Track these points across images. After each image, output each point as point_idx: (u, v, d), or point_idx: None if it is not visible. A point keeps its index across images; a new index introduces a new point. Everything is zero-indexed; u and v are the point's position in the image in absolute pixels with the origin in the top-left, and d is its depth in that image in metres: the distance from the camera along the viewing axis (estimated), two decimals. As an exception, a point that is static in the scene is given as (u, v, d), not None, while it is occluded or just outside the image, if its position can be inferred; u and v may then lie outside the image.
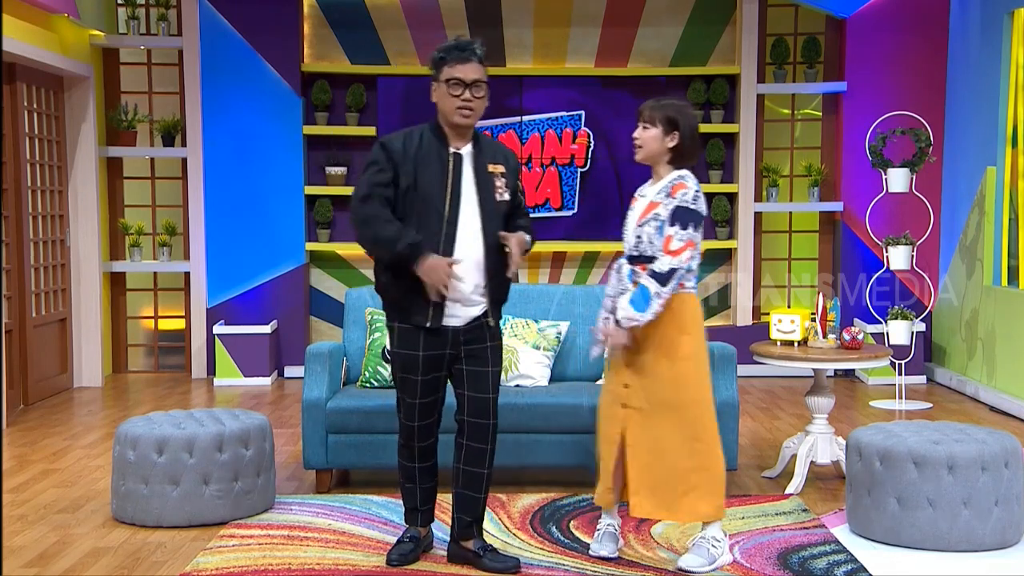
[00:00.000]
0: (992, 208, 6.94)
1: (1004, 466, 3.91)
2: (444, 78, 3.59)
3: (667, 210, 3.60)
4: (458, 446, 3.75)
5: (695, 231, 3.59)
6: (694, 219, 3.59)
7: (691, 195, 3.61)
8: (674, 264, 3.55)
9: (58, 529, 4.22)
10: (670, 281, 3.55)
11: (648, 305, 3.55)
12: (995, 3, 6.93)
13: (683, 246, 3.56)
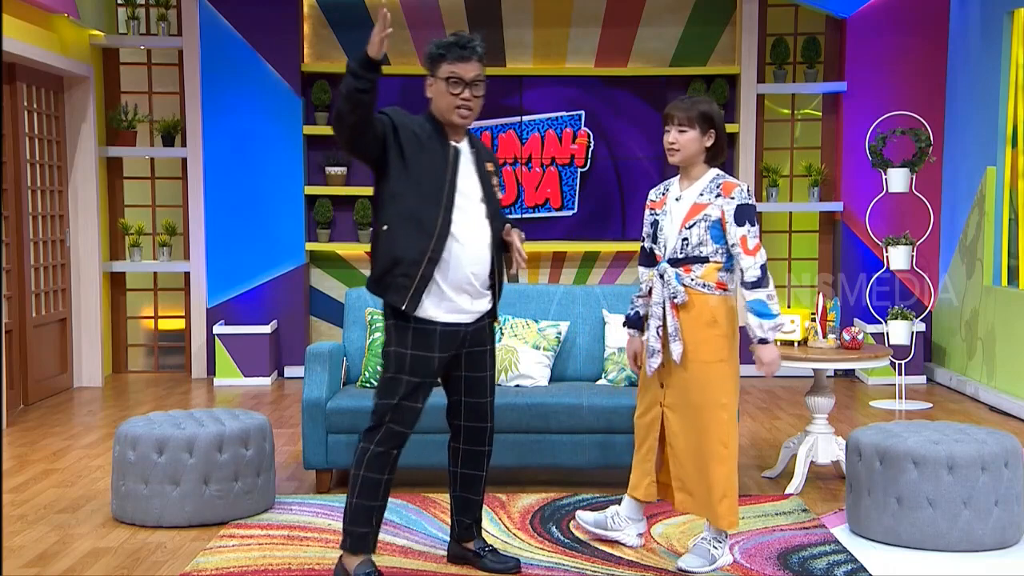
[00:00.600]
0: (992, 208, 6.94)
1: (1004, 466, 3.91)
2: (443, 75, 3.47)
3: (720, 210, 3.60)
4: (454, 450, 3.69)
5: (757, 225, 3.63)
6: (755, 213, 3.64)
7: (746, 191, 3.64)
8: (760, 261, 3.58)
9: (58, 529, 4.22)
10: (769, 278, 3.60)
11: (770, 307, 3.59)
12: (995, 3, 6.93)
13: (758, 242, 3.60)
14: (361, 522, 3.48)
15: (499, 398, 4.70)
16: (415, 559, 3.84)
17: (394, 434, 3.47)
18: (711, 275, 3.63)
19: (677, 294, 3.64)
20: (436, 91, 3.50)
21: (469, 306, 3.52)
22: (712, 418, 3.63)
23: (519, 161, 7.94)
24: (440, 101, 3.49)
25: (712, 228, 3.61)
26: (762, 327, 3.59)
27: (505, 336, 5.00)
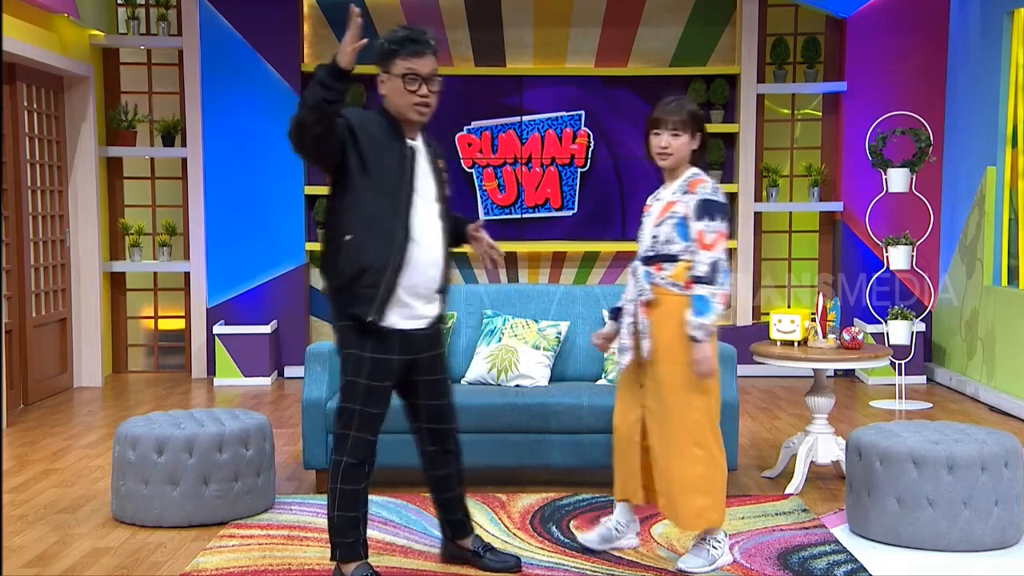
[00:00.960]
0: (992, 208, 6.94)
1: (1004, 466, 3.91)
2: (398, 72, 3.36)
3: (687, 207, 3.58)
4: (422, 454, 3.66)
5: (723, 222, 3.56)
6: (720, 210, 3.56)
7: (710, 187, 3.61)
8: (713, 257, 3.52)
9: (58, 529, 4.22)
10: (717, 276, 3.52)
11: (708, 307, 3.49)
12: (995, 3, 6.93)
13: (716, 237, 3.53)
14: (347, 533, 3.45)
15: (500, 398, 4.71)
16: (415, 559, 3.84)
17: (362, 443, 3.40)
18: (681, 274, 3.58)
19: (643, 292, 3.65)
20: (391, 88, 3.38)
21: (423, 311, 3.44)
22: (682, 419, 3.60)
23: (519, 161, 7.94)
24: (397, 99, 3.37)
25: (679, 225, 3.59)
26: (693, 323, 3.50)
27: (505, 336, 5.00)
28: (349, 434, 3.39)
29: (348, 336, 3.37)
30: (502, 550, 3.81)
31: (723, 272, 3.53)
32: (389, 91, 3.40)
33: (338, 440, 3.42)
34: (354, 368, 3.38)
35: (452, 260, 3.59)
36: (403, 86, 3.36)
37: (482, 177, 7.95)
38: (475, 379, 4.98)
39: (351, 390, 3.39)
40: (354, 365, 3.38)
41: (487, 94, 7.93)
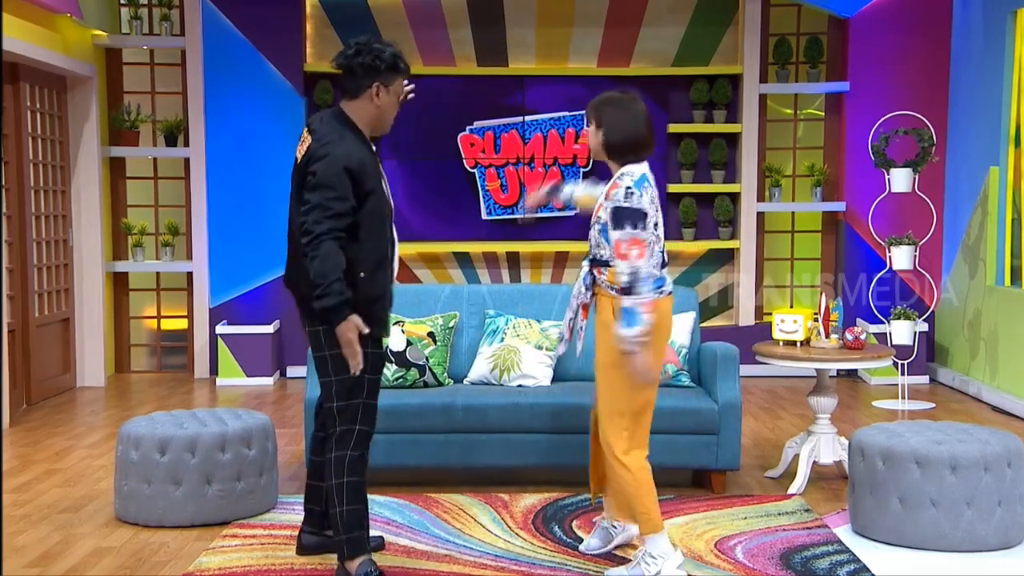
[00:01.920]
0: (995, 208, 6.93)
1: (1007, 466, 3.91)
2: (397, 89, 3.51)
3: (607, 212, 3.50)
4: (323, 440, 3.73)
5: (635, 228, 3.43)
6: (631, 216, 3.44)
7: (622, 193, 3.47)
8: (631, 267, 3.43)
9: (61, 529, 4.23)
10: (637, 285, 3.42)
11: (635, 319, 3.41)
12: (998, 3, 6.92)
13: (629, 245, 3.43)
14: (356, 527, 3.53)
15: (503, 398, 4.71)
16: (419, 559, 3.84)
17: (365, 435, 3.55)
18: (614, 277, 3.51)
19: (581, 294, 3.66)
20: (386, 103, 3.50)
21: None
22: (609, 425, 3.58)
23: (521, 161, 7.94)
24: (388, 112, 3.51)
25: (603, 231, 3.53)
26: (621, 335, 3.43)
27: (508, 336, 5.00)
28: (355, 428, 3.52)
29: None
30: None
31: (643, 280, 3.43)
32: (383, 104, 3.50)
33: (343, 436, 3.52)
34: (364, 367, 3.47)
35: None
36: (396, 102, 3.52)
37: (484, 177, 7.95)
38: (477, 379, 4.98)
39: (357, 386, 3.50)
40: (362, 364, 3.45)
41: (489, 94, 7.93)
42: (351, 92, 3.50)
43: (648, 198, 3.50)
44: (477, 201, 7.97)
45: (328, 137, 3.41)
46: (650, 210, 3.50)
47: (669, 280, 3.62)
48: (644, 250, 3.45)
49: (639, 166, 3.57)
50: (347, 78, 3.48)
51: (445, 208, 7.97)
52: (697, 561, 3.82)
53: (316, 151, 3.39)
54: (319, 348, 3.50)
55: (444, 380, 4.96)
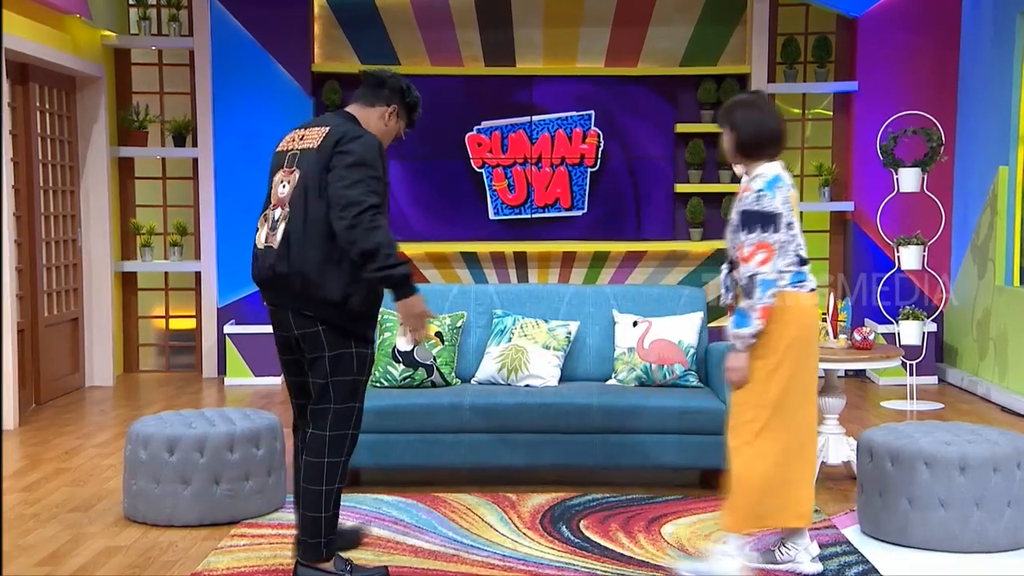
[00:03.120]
0: (1004, 208, 6.91)
1: (1016, 467, 3.89)
2: (406, 123, 3.65)
3: (736, 216, 3.53)
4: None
5: (764, 232, 3.43)
6: (760, 220, 3.44)
7: (753, 196, 3.48)
8: (751, 270, 3.44)
9: (70, 528, 4.24)
10: (755, 290, 3.43)
11: (745, 321, 3.46)
12: (1007, 3, 6.90)
13: (753, 250, 3.44)
14: (335, 528, 3.54)
15: (510, 398, 4.71)
16: (426, 559, 3.84)
17: (356, 440, 3.53)
18: None
19: (723, 296, 3.69)
20: (391, 127, 3.60)
21: None
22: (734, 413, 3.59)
23: (529, 161, 7.94)
24: (390, 132, 3.60)
25: (736, 232, 3.55)
26: (730, 333, 3.53)
27: (515, 336, 5.00)
28: (349, 433, 3.49)
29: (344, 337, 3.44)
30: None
31: (761, 285, 3.42)
32: (388, 127, 3.60)
33: (339, 440, 3.46)
34: (359, 366, 3.47)
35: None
36: (398, 132, 3.64)
37: (492, 177, 7.95)
38: (485, 379, 4.98)
39: (358, 389, 3.49)
40: (359, 363, 3.47)
41: (497, 94, 7.93)
42: (368, 101, 3.57)
43: (781, 198, 3.48)
44: (484, 201, 7.97)
45: (355, 127, 3.48)
46: (783, 210, 3.47)
47: (812, 277, 3.59)
48: (770, 255, 3.44)
49: (772, 166, 3.55)
50: (371, 89, 3.57)
51: (452, 208, 7.97)
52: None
53: (348, 134, 3.40)
54: (317, 348, 3.42)
55: (452, 380, 4.96)
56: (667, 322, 4.99)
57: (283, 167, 3.49)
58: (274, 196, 3.49)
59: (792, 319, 3.50)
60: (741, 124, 3.56)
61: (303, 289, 3.38)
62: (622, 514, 4.33)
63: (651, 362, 4.91)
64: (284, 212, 3.41)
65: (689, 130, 7.92)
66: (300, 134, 3.53)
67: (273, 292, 3.49)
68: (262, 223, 3.51)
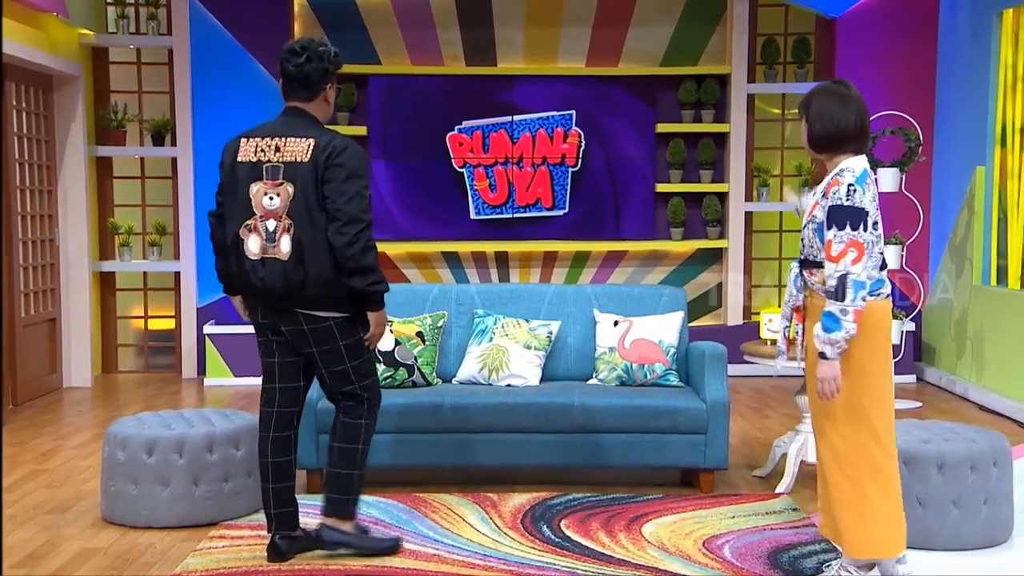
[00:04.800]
0: (981, 208, 6.96)
1: (993, 465, 3.93)
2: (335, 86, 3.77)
3: (823, 212, 3.27)
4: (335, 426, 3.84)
5: (854, 229, 3.19)
6: (851, 216, 3.19)
7: (844, 191, 3.22)
8: (840, 270, 3.19)
9: (47, 530, 4.21)
10: (847, 291, 3.18)
11: (836, 324, 3.21)
12: (984, 4, 6.96)
13: (843, 248, 3.19)
14: (359, 489, 3.81)
15: (491, 398, 4.71)
16: (407, 558, 3.84)
17: (379, 405, 3.85)
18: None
19: (793, 297, 3.48)
20: (332, 99, 3.76)
21: None
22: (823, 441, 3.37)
23: (510, 161, 7.94)
24: (331, 108, 3.77)
25: (818, 231, 3.32)
26: (818, 339, 3.26)
27: (496, 335, 5.00)
28: (377, 402, 3.80)
29: (356, 324, 3.69)
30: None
31: (853, 287, 3.18)
32: (331, 100, 3.76)
33: (372, 410, 3.78)
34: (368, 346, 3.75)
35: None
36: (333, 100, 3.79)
37: (473, 177, 7.94)
38: (466, 379, 4.98)
39: (370, 364, 3.79)
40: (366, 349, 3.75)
41: (478, 94, 7.92)
42: (305, 94, 3.70)
43: (871, 195, 3.26)
44: (466, 201, 7.96)
45: (333, 134, 3.61)
46: (871, 208, 3.25)
47: (888, 284, 3.37)
48: (862, 254, 3.20)
49: (858, 160, 3.32)
50: (300, 83, 3.67)
51: (433, 208, 7.96)
52: (685, 560, 3.82)
53: (335, 143, 3.55)
54: (331, 340, 3.65)
55: (433, 380, 4.96)
56: (648, 322, 5.00)
57: (263, 179, 3.58)
58: (257, 207, 3.57)
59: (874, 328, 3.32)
60: (814, 116, 3.34)
61: (322, 292, 3.57)
62: (603, 513, 4.34)
63: (632, 361, 4.92)
64: (284, 224, 3.54)
65: (670, 130, 7.94)
66: (271, 144, 3.62)
67: (283, 299, 3.61)
68: (247, 233, 3.58)
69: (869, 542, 3.37)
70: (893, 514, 3.37)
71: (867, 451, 3.33)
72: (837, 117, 3.31)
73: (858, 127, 3.32)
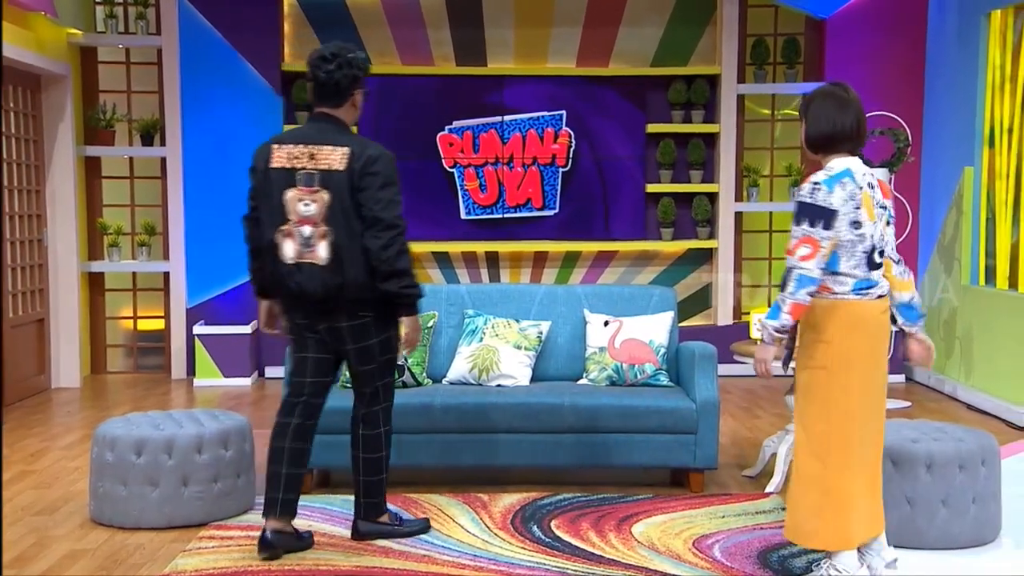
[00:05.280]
0: (969, 208, 6.99)
1: (981, 464, 3.94)
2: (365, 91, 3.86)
3: (794, 206, 3.35)
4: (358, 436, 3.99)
5: (813, 227, 3.25)
6: (810, 213, 3.25)
7: (808, 188, 3.29)
8: (790, 263, 3.30)
9: (35, 531, 4.19)
10: (789, 283, 3.29)
11: (774, 313, 3.31)
12: (972, 5, 6.99)
13: (796, 243, 3.29)
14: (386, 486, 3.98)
15: (482, 398, 4.71)
16: (397, 559, 3.83)
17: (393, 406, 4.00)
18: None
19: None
20: (359, 106, 3.87)
21: None
22: (808, 428, 3.37)
23: (500, 161, 7.94)
24: (359, 109, 3.88)
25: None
26: (759, 323, 3.41)
27: (487, 336, 5.00)
28: (391, 404, 3.96)
29: (385, 324, 3.82)
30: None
31: (797, 280, 3.27)
32: (359, 105, 3.86)
33: (388, 413, 3.94)
34: (396, 345, 3.88)
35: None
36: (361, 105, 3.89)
37: (463, 177, 7.94)
38: (456, 379, 4.98)
39: (396, 364, 3.94)
40: (396, 343, 3.87)
41: (468, 94, 7.92)
42: (335, 101, 3.77)
43: (844, 195, 3.26)
44: (456, 201, 7.96)
45: (365, 141, 3.74)
46: (846, 208, 3.26)
47: (881, 284, 3.35)
48: (815, 251, 3.26)
49: (844, 160, 3.34)
50: (331, 89, 3.74)
51: (424, 208, 7.95)
52: (675, 560, 3.83)
53: (369, 152, 3.67)
54: (366, 337, 3.78)
55: (423, 380, 4.95)
56: (638, 322, 5.01)
57: (297, 186, 3.69)
58: (292, 212, 3.69)
59: (854, 327, 3.31)
60: (811, 118, 3.39)
61: (358, 294, 3.70)
62: (593, 513, 4.34)
63: (622, 362, 4.92)
64: (321, 230, 3.67)
65: (660, 130, 7.95)
66: (304, 152, 3.70)
67: (321, 302, 3.72)
68: (283, 238, 3.71)
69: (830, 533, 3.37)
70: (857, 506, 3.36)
71: (840, 444, 3.33)
72: (834, 119, 3.36)
73: (854, 129, 3.36)
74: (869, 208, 3.32)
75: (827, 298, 3.34)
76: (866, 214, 3.31)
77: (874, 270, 3.35)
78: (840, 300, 3.33)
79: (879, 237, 3.35)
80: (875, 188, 3.37)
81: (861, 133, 3.38)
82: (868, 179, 3.35)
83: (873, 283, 3.35)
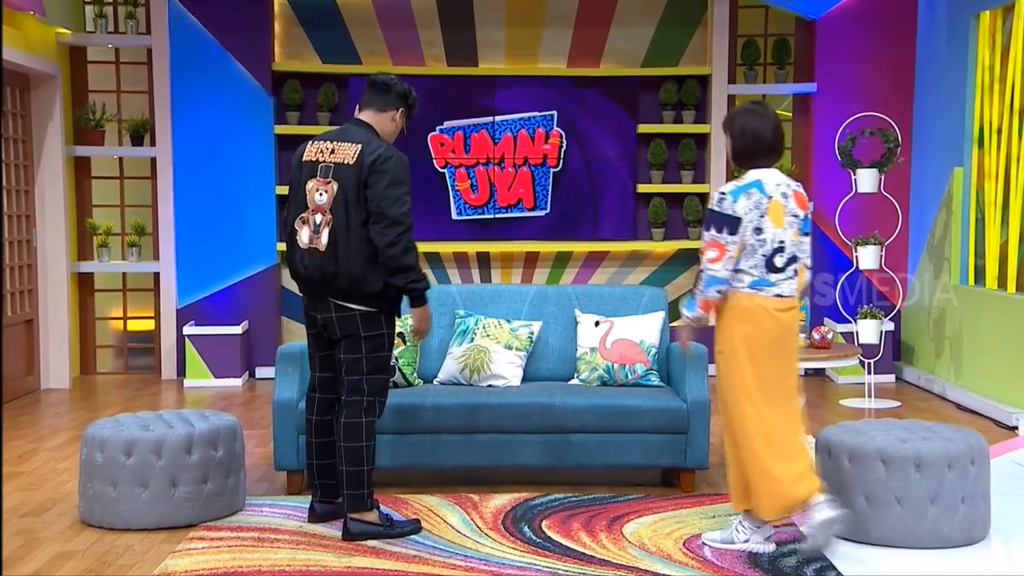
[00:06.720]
0: (959, 208, 7.02)
1: (970, 463, 3.95)
2: (404, 122, 4.12)
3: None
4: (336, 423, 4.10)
5: (720, 232, 3.70)
6: (715, 220, 3.72)
7: (715, 198, 3.76)
8: (702, 265, 3.75)
9: (24, 533, 4.17)
10: (700, 282, 3.76)
11: (691, 305, 3.82)
12: (961, 6, 7.01)
13: (706, 247, 3.73)
14: (371, 482, 4.03)
15: (472, 398, 4.70)
16: (387, 559, 3.83)
17: (384, 406, 4.09)
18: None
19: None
20: (399, 124, 4.12)
21: None
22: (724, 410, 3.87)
23: (492, 161, 7.94)
24: (396, 130, 4.12)
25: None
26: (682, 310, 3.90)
27: (478, 336, 5.00)
28: (379, 400, 4.04)
29: (380, 320, 3.99)
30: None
31: (707, 280, 3.73)
32: (397, 126, 4.11)
33: (372, 406, 4.02)
34: (388, 344, 4.03)
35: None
36: (398, 130, 4.13)
37: (455, 177, 7.94)
38: (447, 379, 4.97)
39: (387, 362, 4.05)
40: (388, 341, 4.02)
41: (459, 94, 7.91)
42: (378, 106, 4.07)
43: (749, 204, 3.70)
44: (447, 201, 7.96)
45: (381, 142, 3.97)
46: (750, 216, 3.70)
47: (785, 284, 3.78)
48: (722, 254, 3.70)
49: (758, 172, 3.79)
50: (380, 95, 4.06)
51: (415, 208, 7.73)
52: (666, 560, 3.83)
53: (380, 151, 3.90)
54: (354, 329, 3.93)
55: (414, 380, 4.95)
56: (629, 322, 5.01)
57: (316, 176, 3.96)
58: (311, 202, 3.96)
59: (746, 318, 3.74)
60: (738, 132, 3.80)
61: (350, 286, 3.90)
62: (584, 513, 4.34)
63: (613, 362, 4.93)
64: (327, 218, 3.91)
65: (651, 131, 7.96)
66: (328, 147, 3.99)
67: (319, 287, 3.96)
68: (300, 224, 3.96)
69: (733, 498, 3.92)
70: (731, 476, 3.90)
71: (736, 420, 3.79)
72: (757, 132, 3.78)
73: (772, 145, 3.80)
74: (777, 216, 3.74)
75: (727, 290, 3.76)
76: (770, 222, 3.72)
77: (773, 272, 3.76)
78: (735, 292, 3.75)
79: (790, 243, 3.77)
80: (789, 198, 3.79)
81: (780, 145, 3.84)
82: (783, 189, 3.78)
83: (771, 282, 3.75)
